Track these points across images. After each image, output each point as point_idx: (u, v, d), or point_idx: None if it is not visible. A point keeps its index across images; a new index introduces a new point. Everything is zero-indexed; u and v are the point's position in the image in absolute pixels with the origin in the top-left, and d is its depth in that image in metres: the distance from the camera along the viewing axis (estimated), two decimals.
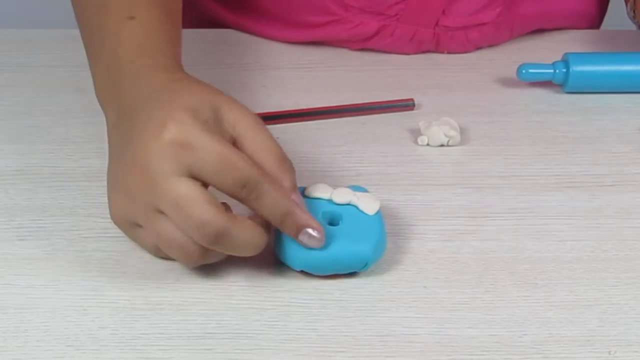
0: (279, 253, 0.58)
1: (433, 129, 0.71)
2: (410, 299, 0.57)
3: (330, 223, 0.59)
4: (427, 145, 0.72)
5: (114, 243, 0.60)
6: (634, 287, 0.59)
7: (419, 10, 0.82)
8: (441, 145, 0.71)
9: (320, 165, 0.69)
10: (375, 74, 0.82)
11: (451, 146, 0.71)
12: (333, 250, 0.57)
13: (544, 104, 0.78)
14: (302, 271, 0.58)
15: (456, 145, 0.72)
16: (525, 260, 0.61)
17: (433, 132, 0.71)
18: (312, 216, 0.56)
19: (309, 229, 0.55)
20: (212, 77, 0.62)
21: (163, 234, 0.55)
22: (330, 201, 0.60)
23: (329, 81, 0.80)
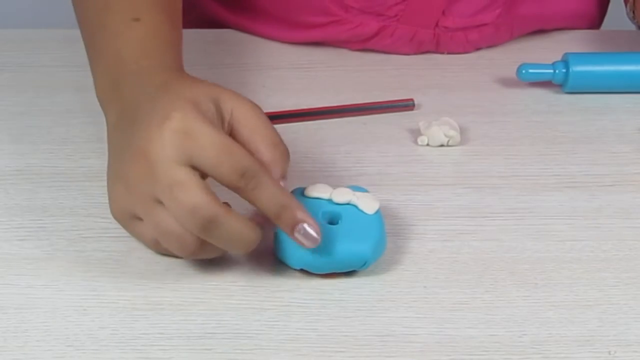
0: (279, 252, 0.58)
1: (433, 129, 0.71)
2: (410, 299, 0.57)
3: (330, 222, 0.59)
4: (427, 145, 0.72)
5: (114, 243, 0.60)
6: (634, 287, 0.59)
7: (419, 11, 0.82)
8: (441, 145, 0.71)
9: (320, 165, 0.69)
10: (375, 74, 0.82)
11: (451, 146, 0.71)
12: (333, 249, 0.57)
13: (544, 104, 0.78)
14: (302, 270, 0.58)
15: (456, 145, 0.72)
16: (525, 260, 0.61)
17: (433, 132, 0.71)
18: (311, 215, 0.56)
19: (305, 225, 0.55)
20: (212, 77, 0.62)
21: (161, 225, 0.55)
22: (330, 201, 0.60)
23: (329, 81, 0.80)
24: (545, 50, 0.84)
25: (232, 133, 0.57)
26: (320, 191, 0.60)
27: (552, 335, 0.55)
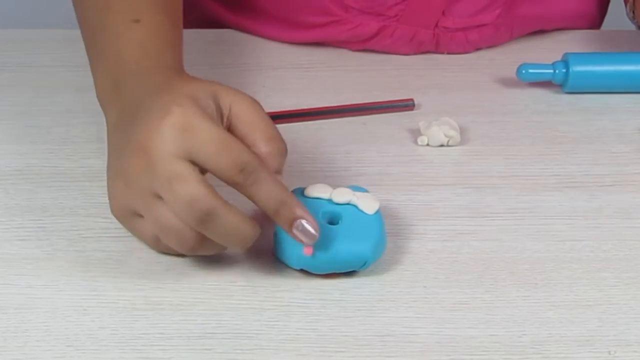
0: (278, 252, 0.58)
1: (433, 129, 0.71)
2: (410, 299, 0.57)
3: (330, 222, 0.59)
4: (427, 145, 0.72)
5: (114, 243, 0.60)
6: (634, 287, 0.59)
7: (419, 11, 0.82)
8: (441, 145, 0.71)
9: (320, 165, 0.69)
10: (375, 74, 0.82)
11: (451, 146, 0.71)
12: (333, 249, 0.57)
13: (544, 104, 0.78)
14: (302, 270, 0.58)
15: (456, 145, 0.72)
16: (525, 260, 0.61)
17: (433, 132, 0.71)
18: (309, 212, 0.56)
19: (304, 221, 0.55)
20: (212, 77, 0.62)
21: (161, 220, 0.55)
22: (330, 201, 0.60)
23: (329, 81, 0.80)
24: (545, 50, 0.84)
25: (231, 127, 0.58)
26: (320, 191, 0.60)
27: (552, 335, 0.55)
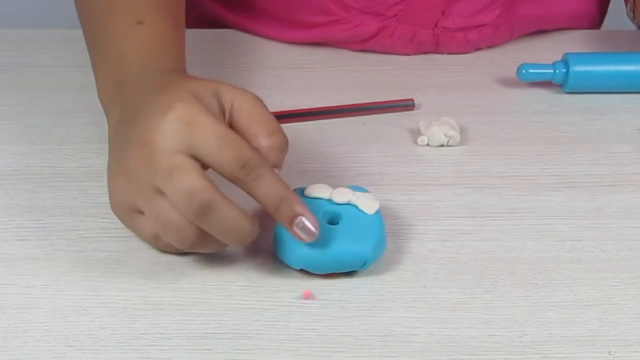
0: (278, 252, 0.58)
1: (433, 129, 0.71)
2: (410, 299, 0.57)
3: (330, 222, 0.59)
4: (427, 145, 0.72)
5: (114, 243, 0.60)
6: (634, 287, 0.59)
7: (419, 11, 0.82)
8: (441, 145, 0.71)
9: (320, 165, 0.69)
10: (375, 74, 0.82)
11: (451, 146, 0.71)
12: (333, 249, 0.57)
13: (544, 104, 0.78)
14: (302, 270, 0.58)
15: (456, 145, 0.72)
16: (525, 260, 0.61)
17: (433, 132, 0.71)
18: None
19: (304, 219, 0.55)
20: (212, 77, 0.62)
21: (161, 215, 0.55)
22: (330, 201, 0.60)
23: (329, 81, 0.80)
24: (545, 50, 0.84)
25: (232, 122, 0.58)
26: (320, 191, 0.60)
27: (552, 335, 0.55)
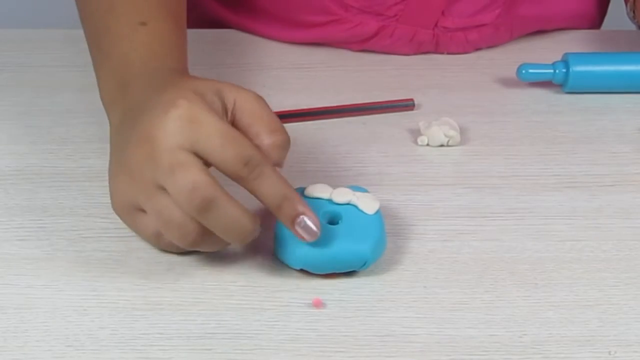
0: (279, 252, 0.58)
1: (433, 129, 0.71)
2: (410, 299, 0.57)
3: (330, 222, 0.59)
4: (427, 145, 0.72)
5: (114, 243, 0.60)
6: (634, 287, 0.59)
7: (418, 11, 0.82)
8: (441, 145, 0.71)
9: (320, 165, 0.69)
10: (375, 74, 0.82)
11: (451, 146, 0.71)
12: (333, 249, 0.57)
13: (544, 104, 0.78)
14: (302, 270, 0.58)
15: (456, 145, 0.72)
16: (525, 260, 0.61)
17: (433, 132, 0.71)
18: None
19: (306, 218, 0.55)
20: (213, 77, 0.62)
21: (163, 213, 0.55)
22: (330, 201, 0.60)
23: (329, 81, 0.80)
24: (545, 50, 0.84)
25: (235, 121, 0.58)
26: (320, 191, 0.60)
27: (552, 335, 0.55)
